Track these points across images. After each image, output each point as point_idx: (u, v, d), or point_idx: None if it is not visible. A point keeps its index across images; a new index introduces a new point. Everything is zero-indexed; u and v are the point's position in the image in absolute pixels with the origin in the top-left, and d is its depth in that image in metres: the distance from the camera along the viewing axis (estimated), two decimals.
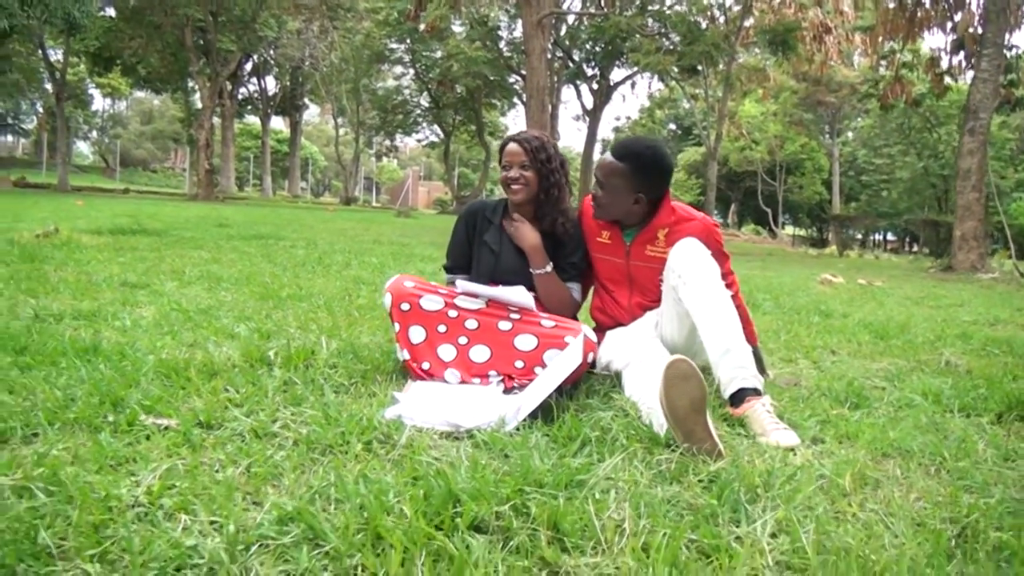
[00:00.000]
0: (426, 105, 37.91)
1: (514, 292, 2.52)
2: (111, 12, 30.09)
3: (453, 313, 2.53)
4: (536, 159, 2.66)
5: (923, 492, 1.73)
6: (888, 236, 49.47)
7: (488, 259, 2.77)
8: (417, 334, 2.51)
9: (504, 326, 2.50)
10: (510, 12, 28.71)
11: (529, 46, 16.79)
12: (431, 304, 2.53)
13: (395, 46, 32.70)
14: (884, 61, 21.49)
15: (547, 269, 2.70)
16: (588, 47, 29.76)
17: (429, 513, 1.40)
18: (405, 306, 2.52)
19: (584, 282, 2.88)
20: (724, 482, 1.64)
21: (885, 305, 6.35)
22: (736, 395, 2.26)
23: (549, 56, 21.14)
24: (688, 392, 1.86)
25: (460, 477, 1.55)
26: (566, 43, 29.04)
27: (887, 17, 18.25)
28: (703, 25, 22.66)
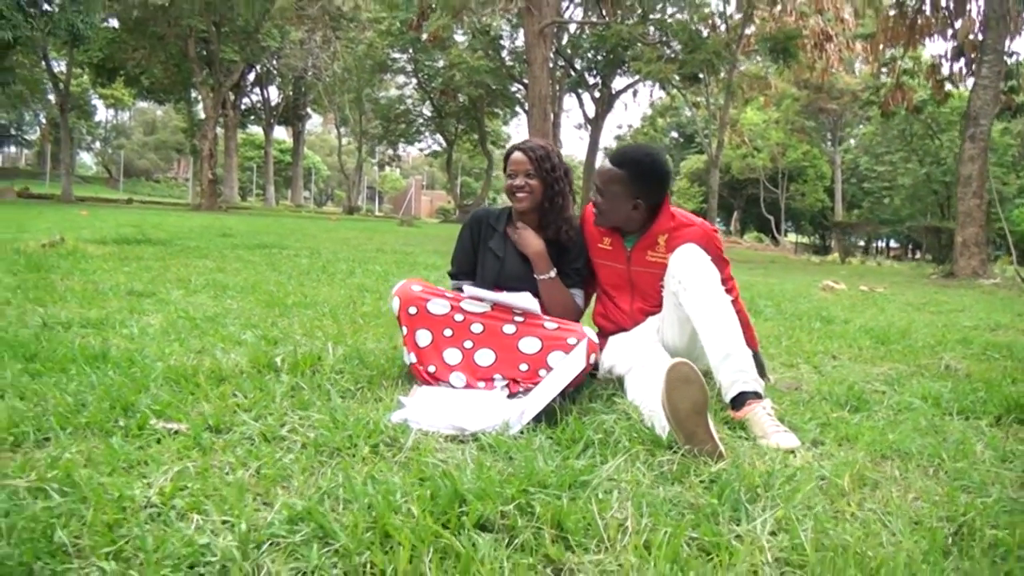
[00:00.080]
0: (428, 114, 37.92)
1: (520, 298, 2.55)
2: (114, 23, 30.21)
3: (459, 317, 2.56)
4: (541, 168, 2.70)
5: (921, 492, 1.75)
6: (891, 243, 49.43)
7: (493, 265, 2.81)
8: (424, 337, 2.55)
9: (508, 329, 2.53)
10: (512, 22, 28.76)
11: (531, 55, 16.83)
12: (438, 308, 2.56)
13: (397, 56, 32.73)
14: (885, 68, 21.50)
15: (551, 274, 2.73)
16: (590, 56, 29.84)
17: (436, 512, 1.43)
18: (413, 310, 2.55)
19: (587, 289, 2.92)
20: (725, 482, 1.66)
21: (886, 311, 6.37)
22: (737, 399, 2.29)
23: (551, 65, 21.20)
24: (690, 395, 1.89)
25: (466, 478, 1.58)
26: (568, 52, 29.10)
27: (887, 25, 18.28)
28: (704, 33, 22.68)
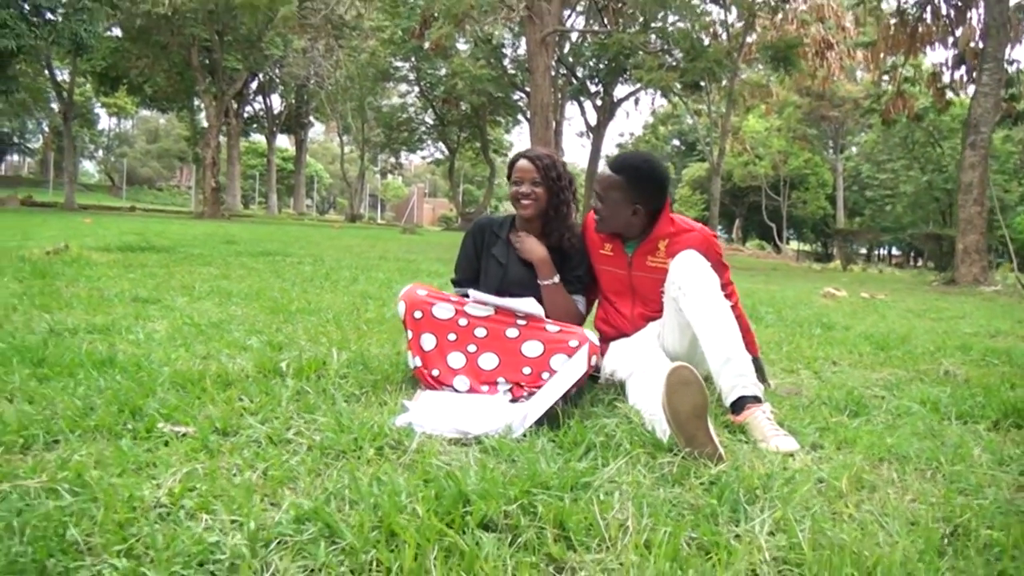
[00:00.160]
0: (431, 122, 37.98)
1: (524, 303, 2.58)
2: (117, 32, 30.33)
3: (463, 321, 2.59)
4: (547, 176, 2.74)
5: (918, 494, 1.78)
6: (892, 250, 49.44)
7: (496, 271, 2.84)
8: (428, 341, 2.57)
9: (511, 333, 2.56)
10: (514, 30, 28.83)
11: (533, 64, 16.94)
12: (443, 312, 2.59)
13: (400, 64, 32.85)
14: (886, 76, 21.56)
15: (554, 280, 2.77)
16: (591, 64, 29.89)
17: (440, 512, 1.46)
18: (418, 314, 2.58)
19: (588, 295, 2.95)
20: (724, 484, 1.69)
21: (887, 318, 6.39)
22: (737, 403, 2.31)
23: (553, 73, 21.32)
24: (690, 398, 1.91)
25: (470, 479, 1.61)
26: (570, 60, 29.16)
27: (888, 33, 18.38)
28: (706, 42, 22.68)
